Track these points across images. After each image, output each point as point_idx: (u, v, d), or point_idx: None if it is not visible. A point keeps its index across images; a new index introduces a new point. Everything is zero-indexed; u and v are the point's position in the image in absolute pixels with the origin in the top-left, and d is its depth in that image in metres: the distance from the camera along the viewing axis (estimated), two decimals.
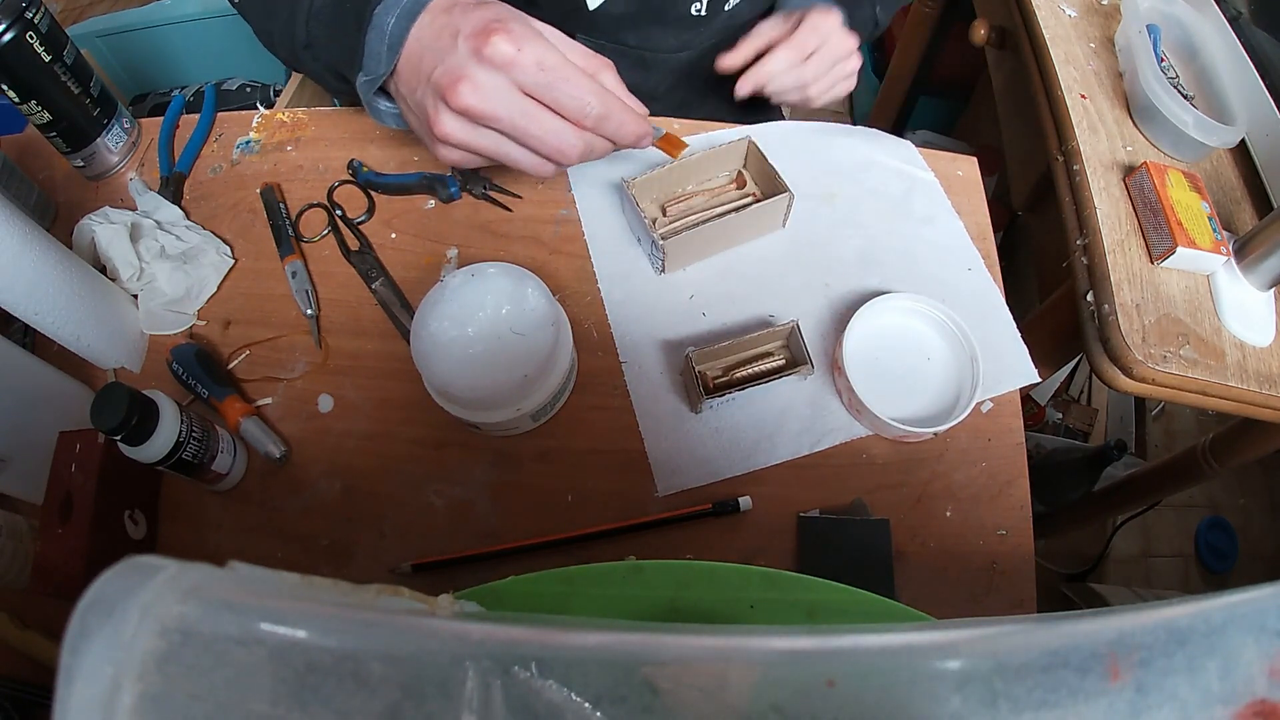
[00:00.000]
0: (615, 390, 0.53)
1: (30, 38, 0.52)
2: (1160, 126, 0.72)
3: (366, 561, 0.49)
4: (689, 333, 0.55)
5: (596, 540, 0.48)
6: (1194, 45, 0.79)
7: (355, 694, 0.20)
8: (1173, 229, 0.63)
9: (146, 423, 0.44)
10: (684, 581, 0.42)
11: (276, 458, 0.51)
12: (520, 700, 0.21)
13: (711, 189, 0.60)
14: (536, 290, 0.47)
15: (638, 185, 0.56)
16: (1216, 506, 1.45)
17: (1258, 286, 0.64)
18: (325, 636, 0.21)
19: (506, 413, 0.48)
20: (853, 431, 0.52)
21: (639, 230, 0.57)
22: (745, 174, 0.60)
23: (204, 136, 0.65)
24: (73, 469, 0.47)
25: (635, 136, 0.44)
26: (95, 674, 0.18)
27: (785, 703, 0.22)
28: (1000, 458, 0.52)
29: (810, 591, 0.41)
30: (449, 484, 0.51)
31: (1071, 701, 0.21)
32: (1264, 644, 0.21)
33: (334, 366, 0.55)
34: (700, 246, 0.57)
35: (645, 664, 0.22)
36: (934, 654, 0.22)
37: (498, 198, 0.60)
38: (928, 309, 0.53)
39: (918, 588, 0.48)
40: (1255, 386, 0.61)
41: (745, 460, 0.51)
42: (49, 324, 0.49)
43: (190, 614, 0.20)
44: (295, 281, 0.57)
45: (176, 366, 0.53)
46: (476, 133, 0.41)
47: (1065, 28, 0.81)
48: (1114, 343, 0.62)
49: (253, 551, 0.50)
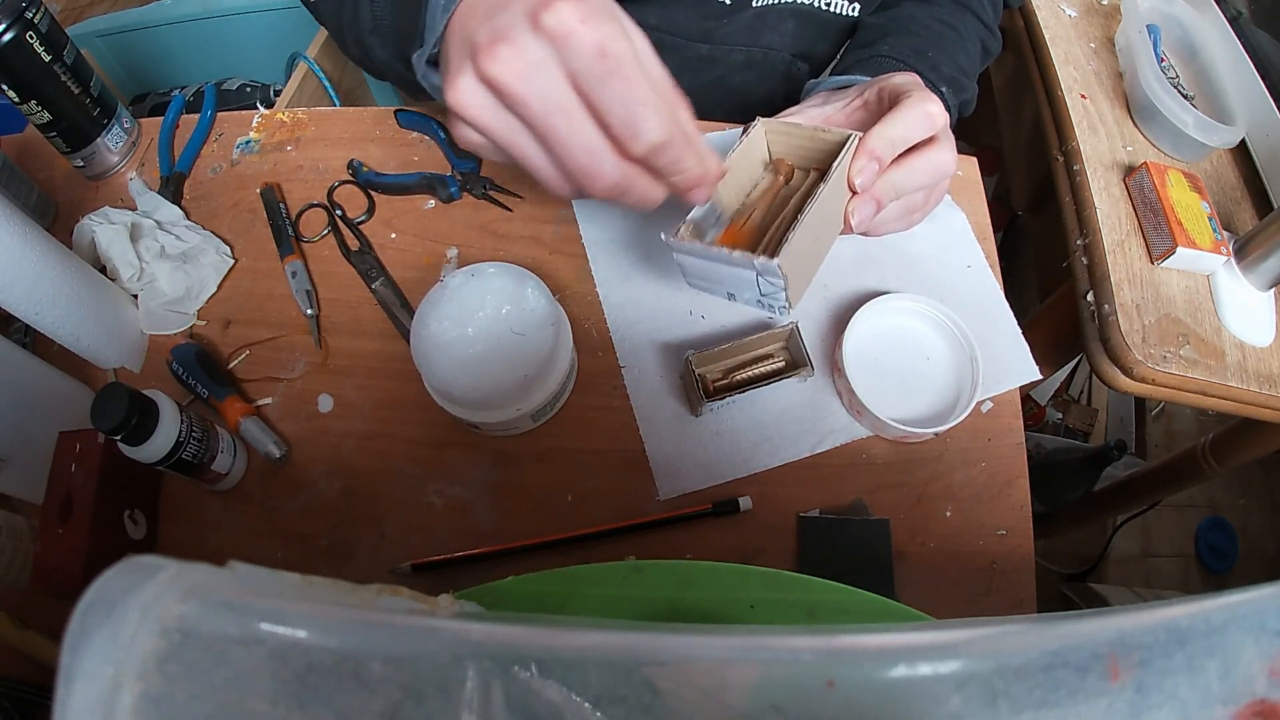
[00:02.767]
0: (615, 390, 0.53)
1: (30, 38, 0.52)
2: (1160, 126, 0.72)
3: (366, 561, 0.49)
4: (688, 335, 0.55)
5: (596, 540, 0.48)
6: (1194, 45, 0.79)
7: (355, 694, 0.20)
8: (1173, 229, 0.63)
9: (146, 423, 0.44)
10: (684, 581, 0.42)
11: (276, 458, 0.51)
12: (520, 700, 0.21)
13: (763, 190, 0.48)
14: (536, 290, 0.47)
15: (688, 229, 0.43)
16: (1216, 506, 1.45)
17: (1258, 286, 0.64)
18: (325, 636, 0.21)
19: (506, 413, 0.48)
20: (853, 432, 0.52)
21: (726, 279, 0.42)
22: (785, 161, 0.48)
23: (204, 136, 0.65)
24: (73, 469, 0.47)
25: (692, 182, 0.35)
26: (95, 674, 0.18)
27: (785, 703, 0.22)
28: (1000, 458, 0.52)
29: (810, 591, 0.41)
30: (449, 484, 0.51)
31: (1071, 701, 0.21)
32: (1264, 644, 0.21)
33: (334, 366, 0.55)
34: (809, 252, 0.43)
35: (645, 664, 0.22)
36: (934, 654, 0.22)
37: (498, 197, 0.60)
38: (927, 309, 0.53)
39: (918, 588, 0.48)
40: (1255, 386, 0.61)
41: (746, 463, 0.51)
42: (49, 324, 0.49)
43: (190, 614, 0.20)
44: (295, 281, 0.57)
45: (176, 366, 0.53)
46: (498, 114, 0.33)
47: (1065, 28, 0.81)
48: (1114, 343, 0.62)
49: (253, 551, 0.50)
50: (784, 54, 0.68)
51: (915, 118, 0.43)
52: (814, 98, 0.53)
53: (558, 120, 0.32)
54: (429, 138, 0.64)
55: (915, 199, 0.46)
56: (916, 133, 0.43)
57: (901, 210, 0.47)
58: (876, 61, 0.55)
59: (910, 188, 0.45)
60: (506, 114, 0.33)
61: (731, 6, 0.61)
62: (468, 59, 0.32)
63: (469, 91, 0.32)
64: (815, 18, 0.64)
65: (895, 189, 0.44)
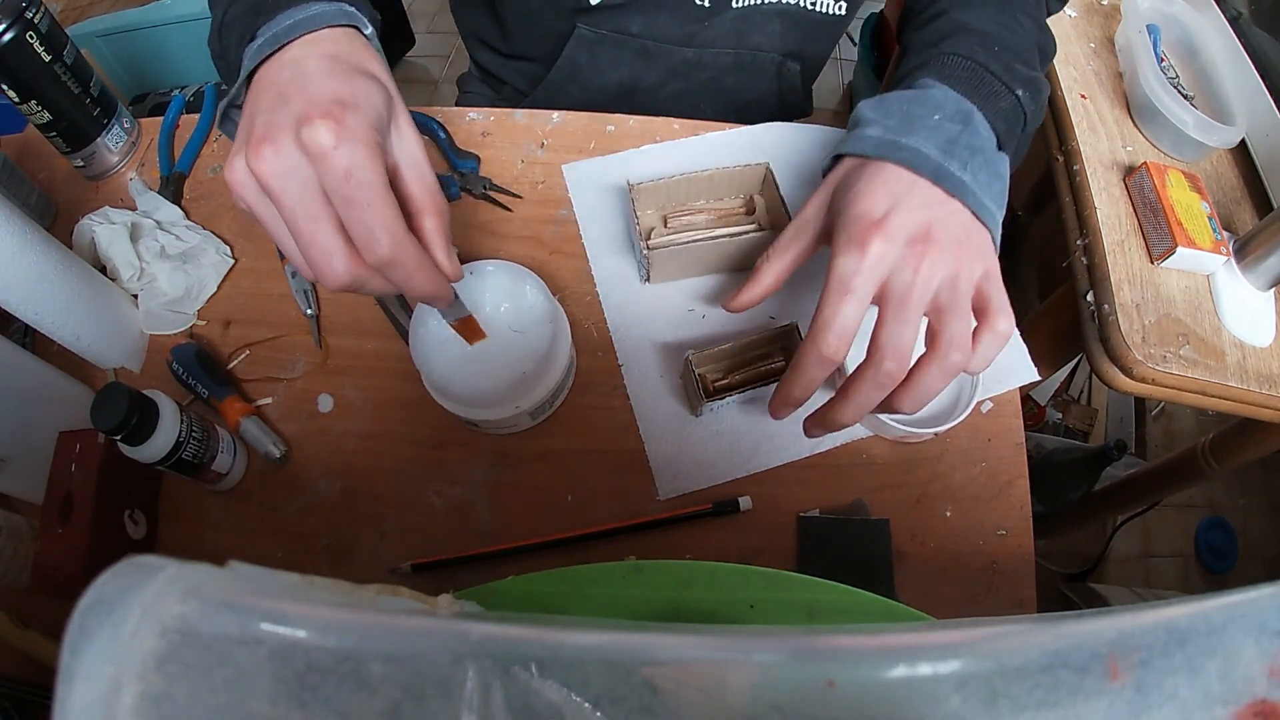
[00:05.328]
0: (615, 390, 0.53)
1: (30, 38, 0.52)
2: (1160, 126, 0.72)
3: (366, 561, 0.49)
4: (688, 335, 0.55)
5: (596, 540, 0.48)
6: (1194, 45, 0.79)
7: (355, 694, 0.20)
8: (1173, 229, 0.63)
9: (146, 423, 0.44)
10: (684, 581, 0.42)
11: (276, 458, 0.51)
12: (520, 700, 0.21)
13: (720, 209, 0.57)
14: (535, 288, 0.47)
15: (642, 190, 0.54)
16: (1216, 506, 1.45)
17: (1258, 286, 0.64)
18: (325, 636, 0.21)
19: (505, 410, 0.48)
20: (853, 432, 0.52)
21: (632, 235, 0.56)
22: (757, 201, 0.57)
23: (204, 136, 0.65)
24: (73, 469, 0.47)
25: (427, 295, 0.38)
26: (95, 674, 0.18)
27: (785, 703, 0.22)
28: (1000, 458, 0.52)
29: (810, 591, 0.41)
30: (449, 484, 0.51)
31: (1071, 701, 0.21)
32: (1264, 644, 0.21)
33: (334, 366, 0.55)
34: (689, 264, 0.55)
35: (645, 664, 0.22)
36: (934, 654, 0.22)
37: (498, 198, 0.60)
38: None
39: (918, 588, 0.48)
40: (1255, 386, 0.61)
41: (746, 463, 0.51)
42: (49, 324, 0.49)
43: (190, 614, 0.20)
44: (295, 281, 0.57)
45: (176, 366, 0.53)
46: (259, 198, 0.36)
47: (1065, 28, 0.81)
48: (1114, 343, 0.62)
49: (253, 551, 0.50)
50: (773, 54, 0.68)
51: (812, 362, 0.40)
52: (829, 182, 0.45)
53: (301, 221, 0.35)
54: (429, 138, 0.64)
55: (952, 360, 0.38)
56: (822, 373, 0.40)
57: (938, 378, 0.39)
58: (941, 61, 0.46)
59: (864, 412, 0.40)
60: (266, 201, 0.36)
61: (711, 9, 0.61)
62: (244, 144, 0.35)
63: (239, 172, 0.35)
64: (802, 17, 0.64)
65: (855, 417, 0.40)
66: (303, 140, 0.34)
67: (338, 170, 0.34)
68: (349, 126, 0.34)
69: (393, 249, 0.35)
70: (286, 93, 0.36)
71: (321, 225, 0.35)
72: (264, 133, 0.34)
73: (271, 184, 0.34)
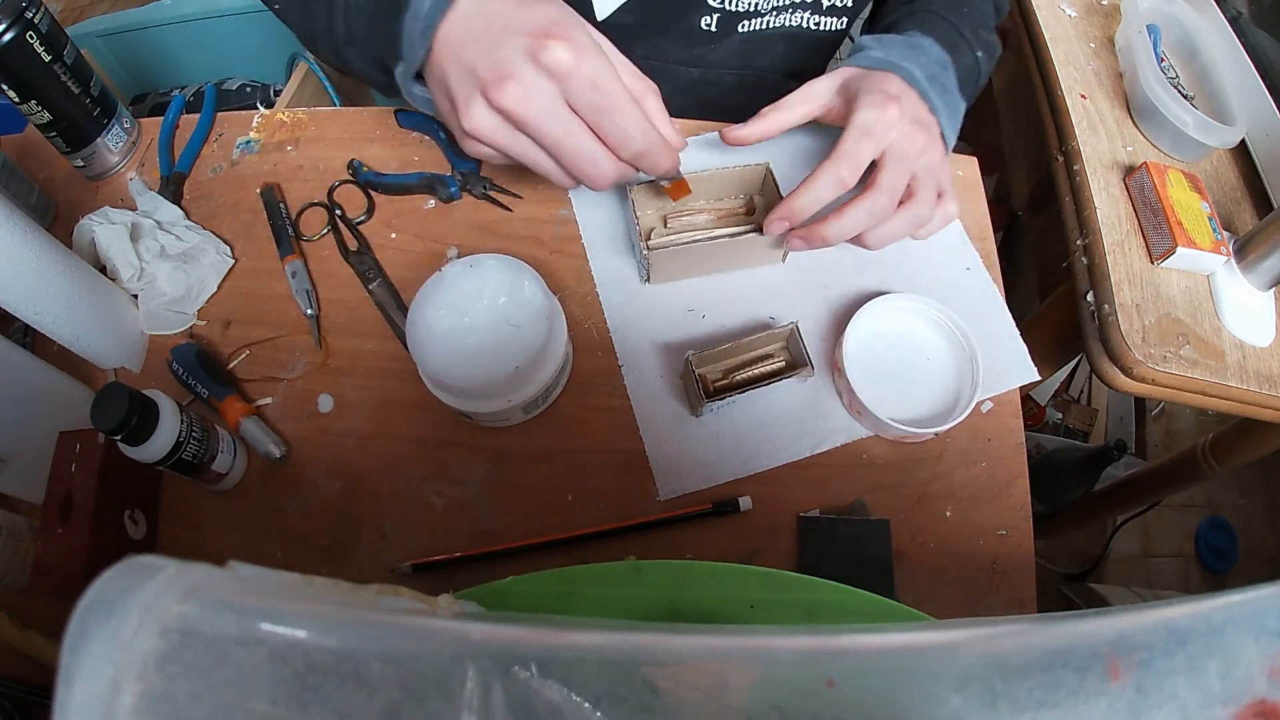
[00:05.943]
0: (615, 390, 0.53)
1: (30, 38, 0.52)
2: (1160, 126, 0.72)
3: (366, 561, 0.49)
4: (688, 336, 0.55)
5: (596, 540, 0.48)
6: (1194, 45, 0.79)
7: (355, 694, 0.20)
8: (1173, 229, 0.63)
9: (146, 423, 0.44)
10: (684, 581, 0.42)
11: (276, 458, 0.51)
12: (520, 700, 0.21)
13: (720, 210, 0.58)
14: (534, 283, 0.47)
15: (642, 191, 0.54)
16: (1216, 506, 1.45)
17: (1258, 286, 0.64)
18: (325, 636, 0.21)
19: (498, 403, 0.48)
20: (853, 433, 0.52)
21: (633, 235, 0.56)
22: (757, 201, 0.57)
23: (204, 136, 0.65)
24: (73, 469, 0.47)
25: (665, 172, 0.43)
26: (95, 674, 0.18)
27: (785, 703, 0.22)
28: (1000, 458, 0.52)
29: (810, 591, 0.41)
30: (449, 484, 0.51)
31: (1071, 701, 0.21)
32: (1264, 644, 0.21)
33: (334, 366, 0.55)
34: (689, 264, 0.55)
35: (645, 664, 0.22)
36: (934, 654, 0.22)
37: (498, 197, 0.60)
38: (927, 309, 0.53)
39: (918, 588, 0.48)
40: (1255, 386, 0.61)
41: (746, 463, 0.51)
42: (49, 324, 0.49)
43: (190, 614, 0.20)
44: (295, 281, 0.57)
45: (176, 366, 0.53)
46: (510, 135, 0.39)
47: (1065, 28, 0.81)
48: (1114, 343, 0.62)
49: (253, 551, 0.50)
50: (776, 75, 0.68)
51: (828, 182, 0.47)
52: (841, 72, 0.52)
53: (565, 140, 0.38)
54: (429, 137, 0.64)
55: (921, 213, 0.48)
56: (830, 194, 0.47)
57: (907, 225, 0.49)
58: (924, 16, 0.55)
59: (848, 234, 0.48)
60: (517, 134, 0.39)
61: (717, 34, 0.62)
62: (476, 90, 0.38)
63: (482, 117, 0.38)
64: (805, 38, 0.65)
65: (839, 236, 0.48)
66: (544, 64, 0.36)
67: (584, 82, 0.37)
68: (579, 41, 0.36)
69: (645, 140, 0.39)
70: (491, 34, 0.37)
71: (583, 137, 0.38)
72: (496, 73, 0.36)
73: (525, 114, 0.37)
